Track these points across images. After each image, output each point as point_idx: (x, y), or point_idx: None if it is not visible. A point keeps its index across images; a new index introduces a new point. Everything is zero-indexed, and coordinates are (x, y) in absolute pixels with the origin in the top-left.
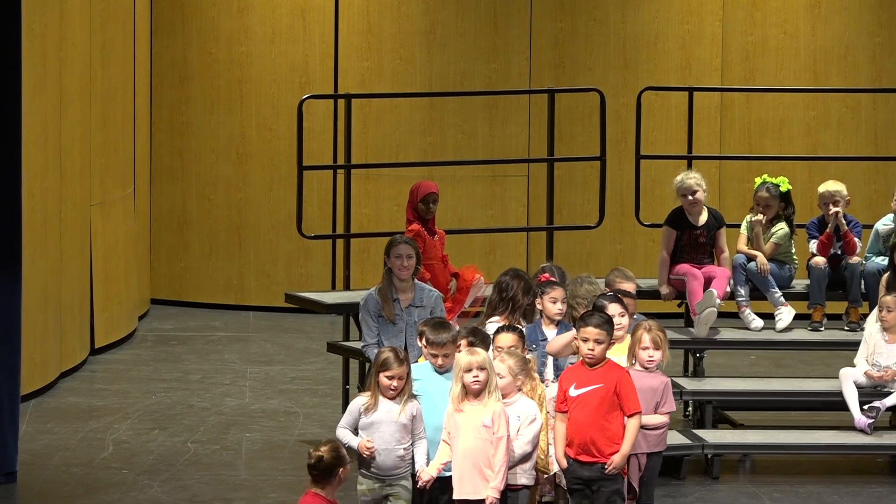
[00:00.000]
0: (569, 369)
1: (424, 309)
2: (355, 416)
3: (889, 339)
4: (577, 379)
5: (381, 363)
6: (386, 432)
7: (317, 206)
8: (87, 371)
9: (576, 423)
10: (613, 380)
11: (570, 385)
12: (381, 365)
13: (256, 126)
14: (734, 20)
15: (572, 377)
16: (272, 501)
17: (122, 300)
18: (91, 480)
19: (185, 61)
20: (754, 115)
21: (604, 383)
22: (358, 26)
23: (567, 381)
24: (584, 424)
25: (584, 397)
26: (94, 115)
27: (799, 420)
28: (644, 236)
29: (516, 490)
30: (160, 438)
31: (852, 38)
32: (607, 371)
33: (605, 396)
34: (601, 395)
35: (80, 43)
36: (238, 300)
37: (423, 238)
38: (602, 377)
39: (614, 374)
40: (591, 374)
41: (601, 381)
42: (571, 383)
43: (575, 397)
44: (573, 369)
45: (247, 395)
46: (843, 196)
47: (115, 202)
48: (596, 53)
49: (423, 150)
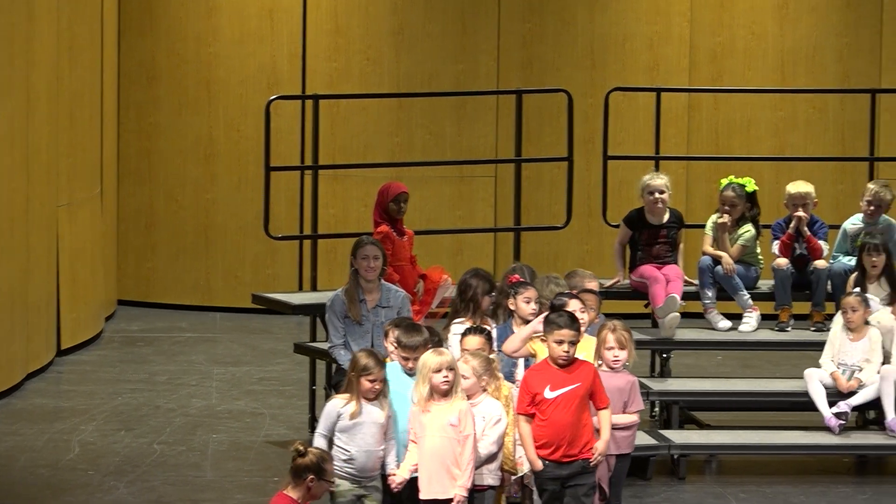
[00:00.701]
0: (534, 371)
1: (391, 309)
2: (334, 420)
3: (853, 338)
4: (550, 380)
5: (363, 367)
6: (368, 434)
7: (284, 206)
8: (53, 372)
9: (556, 424)
10: (588, 377)
11: (542, 387)
12: (363, 369)
13: (224, 127)
14: (702, 21)
15: (543, 379)
16: (238, 502)
17: (89, 301)
18: (57, 482)
19: (152, 62)
20: (722, 116)
21: (581, 382)
22: (326, 27)
23: (537, 383)
24: (565, 425)
25: (564, 398)
26: (61, 116)
27: (765, 420)
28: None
29: (482, 490)
30: (126, 440)
31: (820, 39)
32: (581, 370)
33: (584, 395)
34: (580, 395)
35: (47, 43)
36: (205, 301)
37: (392, 240)
38: (579, 376)
39: (587, 371)
40: (565, 374)
41: (578, 381)
42: (544, 385)
43: (553, 399)
44: (541, 371)
45: (213, 396)
46: (813, 198)
47: (82, 203)
48: (564, 54)
49: (391, 150)
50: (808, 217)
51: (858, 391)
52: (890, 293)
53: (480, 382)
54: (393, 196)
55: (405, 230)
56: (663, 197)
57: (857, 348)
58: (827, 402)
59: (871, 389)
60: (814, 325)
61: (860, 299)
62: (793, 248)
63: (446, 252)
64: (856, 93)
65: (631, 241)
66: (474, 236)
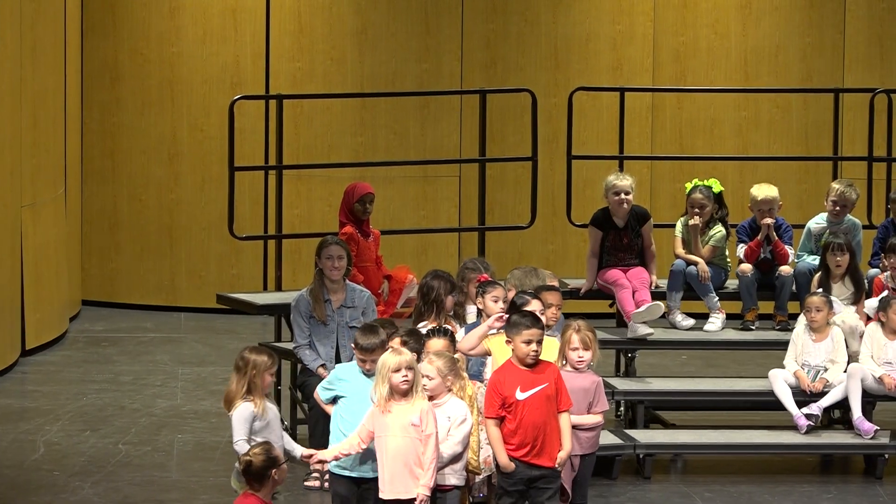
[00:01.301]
0: (501, 373)
1: (356, 309)
2: (251, 424)
3: (816, 338)
4: (519, 382)
5: (265, 364)
6: (277, 428)
7: (248, 206)
8: (17, 373)
9: (528, 425)
10: (553, 377)
11: (513, 389)
12: (267, 366)
13: (188, 126)
14: (665, 20)
15: (513, 380)
16: (204, 502)
17: (53, 301)
18: (22, 482)
19: (115, 62)
20: (685, 116)
21: (548, 382)
22: (289, 27)
23: (506, 385)
24: (537, 425)
25: (534, 398)
26: (24, 116)
27: (730, 420)
28: (575, 236)
29: (446, 490)
30: (92, 440)
31: (783, 39)
32: (547, 370)
33: (551, 395)
34: (548, 394)
35: (10, 43)
36: (169, 301)
37: (357, 241)
38: (546, 376)
39: (552, 371)
40: (533, 375)
41: (546, 381)
42: (514, 387)
43: (524, 400)
44: (508, 372)
45: (178, 396)
46: (778, 202)
47: (45, 203)
48: (527, 54)
49: (355, 150)
50: (775, 220)
51: (827, 392)
52: (854, 292)
53: (445, 382)
54: (358, 197)
55: (371, 230)
56: (628, 198)
57: (819, 349)
58: (794, 401)
59: (840, 389)
60: (778, 325)
61: (824, 300)
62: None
63: (410, 252)
64: (819, 92)
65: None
66: (439, 236)
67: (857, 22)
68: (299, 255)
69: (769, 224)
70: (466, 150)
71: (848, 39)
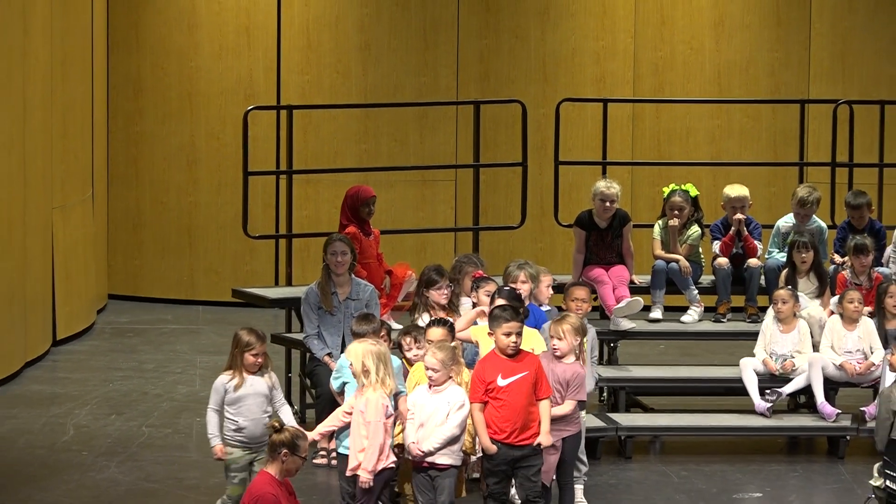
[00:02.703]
0: (485, 362)
1: (360, 302)
2: (222, 395)
3: (783, 329)
4: (501, 369)
5: (245, 344)
6: (254, 404)
7: (261, 208)
8: (49, 361)
9: (509, 409)
10: (533, 367)
11: (495, 376)
12: (246, 345)
13: (205, 135)
14: (645, 37)
15: (495, 368)
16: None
17: (82, 295)
18: (53, 462)
19: (139, 75)
20: (663, 125)
21: (529, 371)
22: (298, 43)
23: (489, 372)
24: (517, 410)
25: (515, 385)
26: (55, 125)
27: (704, 404)
28: (562, 236)
29: (443, 469)
30: (117, 423)
31: (753, 54)
32: (527, 360)
33: (532, 382)
34: (529, 382)
35: (41, 58)
36: (188, 295)
37: (360, 240)
38: (526, 365)
39: (532, 361)
40: (514, 363)
41: (526, 369)
42: (496, 374)
43: (505, 386)
44: (491, 361)
45: (197, 382)
46: (749, 200)
47: (74, 206)
48: (518, 68)
49: (359, 156)
50: (746, 218)
51: (792, 377)
52: (818, 286)
53: (448, 372)
54: (363, 200)
55: (372, 230)
56: (614, 205)
57: (787, 339)
58: (758, 389)
59: (802, 377)
60: (749, 317)
61: (791, 293)
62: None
63: (410, 250)
64: (786, 103)
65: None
66: (436, 235)
67: (821, 39)
68: (308, 253)
69: (741, 220)
70: (462, 157)
71: (813, 55)
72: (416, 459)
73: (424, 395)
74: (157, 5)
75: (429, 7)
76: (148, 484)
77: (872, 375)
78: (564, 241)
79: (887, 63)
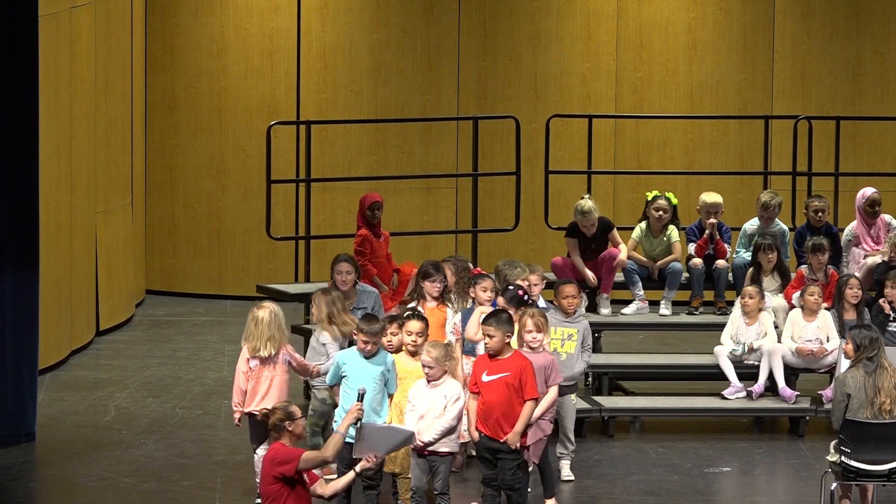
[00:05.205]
0: (481, 358)
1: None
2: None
3: (748, 321)
4: (487, 367)
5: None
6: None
7: (282, 213)
8: (92, 349)
9: (487, 405)
10: (517, 369)
11: (482, 372)
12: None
13: (232, 147)
14: (626, 59)
15: (483, 366)
16: (246, 456)
17: (122, 291)
18: (97, 440)
19: (173, 94)
20: (642, 138)
21: (510, 372)
22: (316, 65)
23: (479, 368)
24: (493, 406)
25: (494, 384)
26: (98, 139)
27: (679, 388)
28: (552, 237)
29: (442, 456)
30: (153, 405)
31: (722, 75)
32: (513, 361)
33: (511, 383)
34: (507, 382)
35: (86, 79)
36: (218, 291)
37: (370, 241)
38: (509, 367)
39: (519, 363)
40: (498, 363)
41: (508, 370)
42: (483, 370)
43: (486, 383)
44: (482, 359)
45: (225, 368)
46: (721, 208)
47: (116, 210)
48: (512, 87)
49: (370, 166)
50: (718, 223)
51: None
52: (781, 283)
53: (443, 368)
54: (369, 204)
55: (382, 232)
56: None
57: (751, 331)
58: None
59: (765, 366)
60: (718, 310)
61: (756, 289)
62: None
63: (415, 250)
64: (752, 119)
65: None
66: (439, 237)
67: (783, 61)
68: (324, 253)
69: (714, 224)
70: (462, 166)
71: (776, 75)
72: (418, 449)
73: (423, 389)
74: (190, 31)
75: (432, 33)
76: (181, 459)
77: (826, 360)
78: (553, 242)
79: (842, 82)
